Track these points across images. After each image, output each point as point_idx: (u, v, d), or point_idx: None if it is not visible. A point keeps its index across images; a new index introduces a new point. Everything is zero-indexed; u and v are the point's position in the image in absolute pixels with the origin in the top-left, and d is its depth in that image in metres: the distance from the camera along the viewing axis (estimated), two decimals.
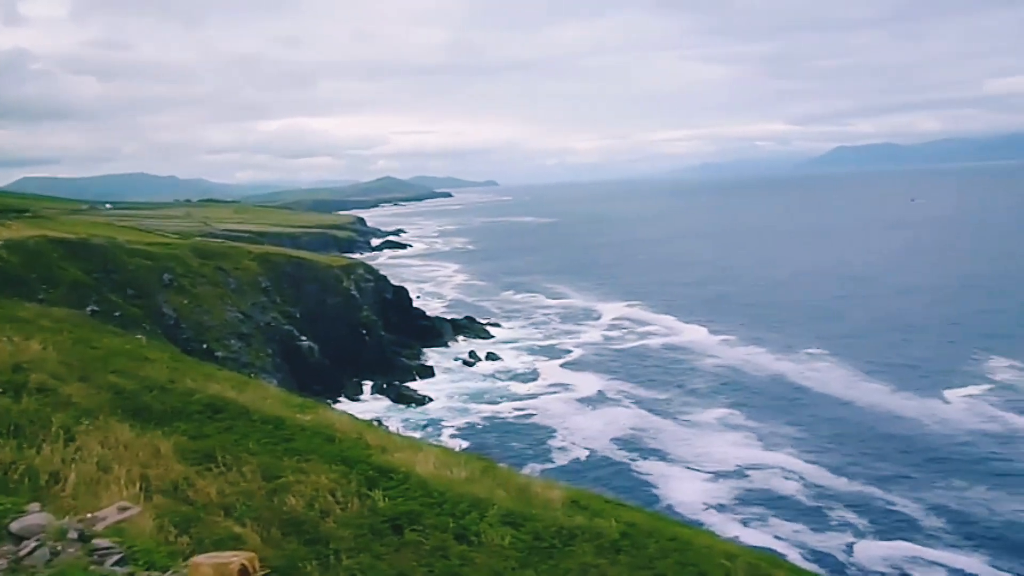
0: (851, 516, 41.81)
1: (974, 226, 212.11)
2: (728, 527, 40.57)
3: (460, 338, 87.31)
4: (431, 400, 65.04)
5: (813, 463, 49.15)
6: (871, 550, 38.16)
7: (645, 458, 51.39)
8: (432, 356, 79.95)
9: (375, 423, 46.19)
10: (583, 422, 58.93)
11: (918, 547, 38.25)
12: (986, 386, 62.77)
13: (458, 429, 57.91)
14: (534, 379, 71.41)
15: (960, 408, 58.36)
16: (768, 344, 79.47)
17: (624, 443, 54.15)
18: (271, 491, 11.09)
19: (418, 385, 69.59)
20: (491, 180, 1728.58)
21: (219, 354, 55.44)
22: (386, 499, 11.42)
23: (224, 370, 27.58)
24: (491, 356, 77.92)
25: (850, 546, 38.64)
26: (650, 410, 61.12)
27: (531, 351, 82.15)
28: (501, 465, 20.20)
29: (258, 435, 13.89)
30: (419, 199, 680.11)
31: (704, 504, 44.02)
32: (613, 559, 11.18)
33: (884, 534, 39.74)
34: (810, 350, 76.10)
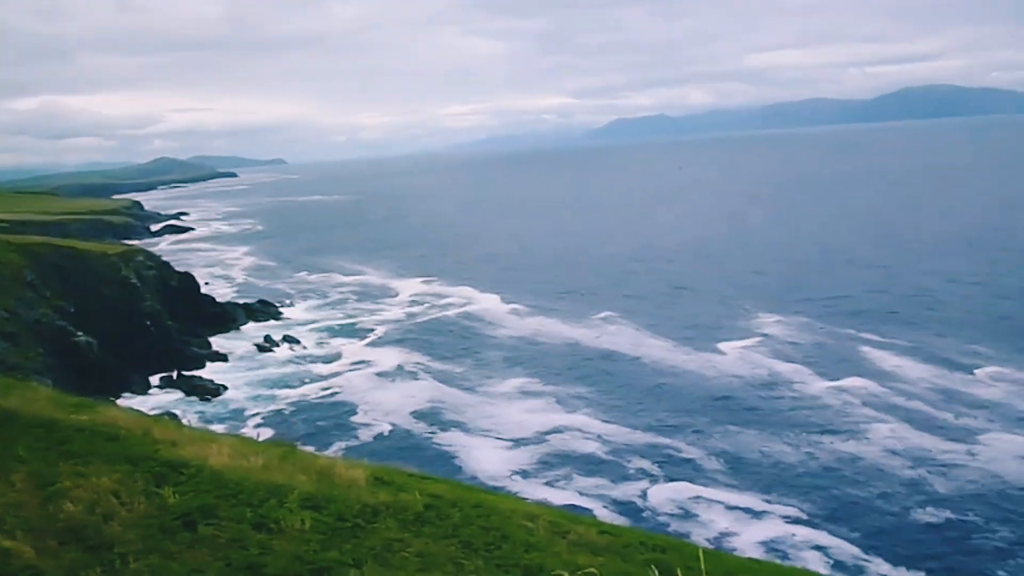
0: (644, 465, 44.43)
1: (737, 192, 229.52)
2: (533, 489, 42.02)
3: (254, 323, 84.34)
4: (226, 389, 62.48)
5: (608, 420, 51.69)
6: (661, 494, 40.79)
7: (448, 430, 52.04)
8: (225, 344, 76.69)
9: (166, 417, 43.80)
10: (386, 398, 58.79)
11: (700, 487, 41.30)
12: (756, 338, 68.32)
13: (261, 417, 56.07)
14: (335, 359, 70.32)
15: (734, 359, 63.25)
16: (560, 311, 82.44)
17: (427, 416, 54.56)
18: (45, 499, 10.29)
19: (212, 375, 66.58)
20: (278, 159, 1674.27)
21: None
22: (176, 495, 10.90)
23: None
24: (288, 339, 75.86)
25: (644, 492, 41.10)
26: (450, 382, 61.87)
27: (330, 331, 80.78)
28: (302, 449, 19.83)
29: (28, 440, 12.82)
30: (201, 180, 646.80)
31: (508, 470, 45.22)
32: (417, 531, 11.28)
33: (671, 479, 42.57)
34: (600, 314, 79.66)
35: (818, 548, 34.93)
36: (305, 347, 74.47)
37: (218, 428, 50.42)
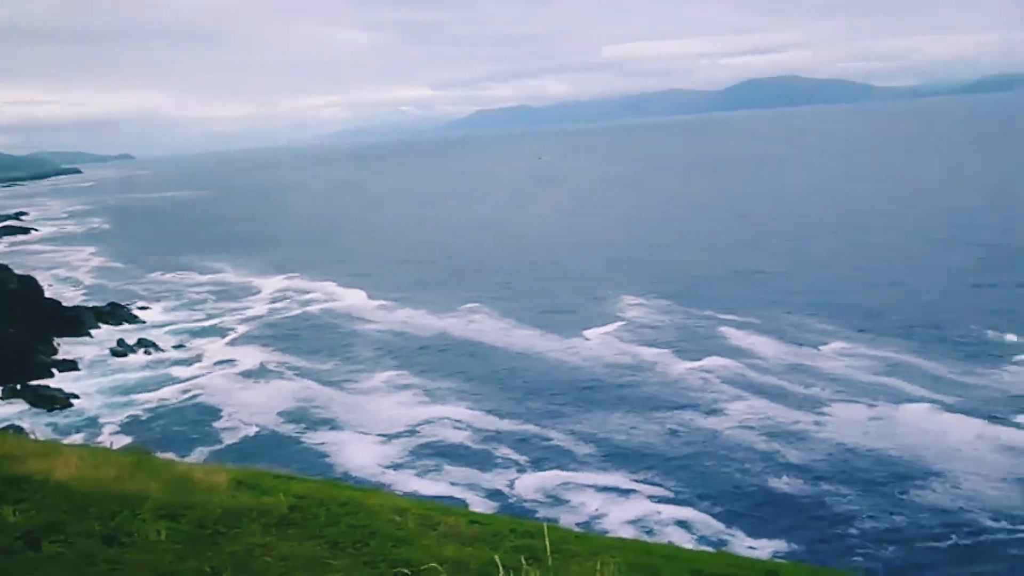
0: (513, 454, 44.91)
1: (596, 180, 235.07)
2: (404, 483, 41.79)
3: (106, 326, 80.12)
4: (78, 398, 59.12)
5: (477, 410, 51.94)
6: (530, 481, 41.34)
7: (316, 428, 51.08)
8: (75, 350, 72.52)
9: (10, 431, 41.08)
10: (250, 399, 57.12)
11: (569, 472, 42.12)
12: (619, 323, 70.15)
13: (116, 425, 53.34)
14: (195, 361, 67.71)
15: (598, 344, 64.74)
16: (427, 303, 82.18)
17: (294, 415, 53.37)
18: None
19: (61, 383, 62.82)
20: (126, 153, 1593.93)
21: None
22: (17, 513, 10.22)
23: None
24: (144, 342, 72.44)
25: (513, 481, 41.54)
26: (318, 379, 60.71)
27: (188, 332, 77.69)
28: (159, 456, 19.03)
29: None
30: (42, 177, 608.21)
31: (379, 465, 44.81)
32: (282, 534, 11.01)
33: (541, 465, 43.22)
34: (467, 305, 79.90)
35: (683, 524, 36.24)
36: (162, 350, 71.37)
37: (70, 439, 47.84)
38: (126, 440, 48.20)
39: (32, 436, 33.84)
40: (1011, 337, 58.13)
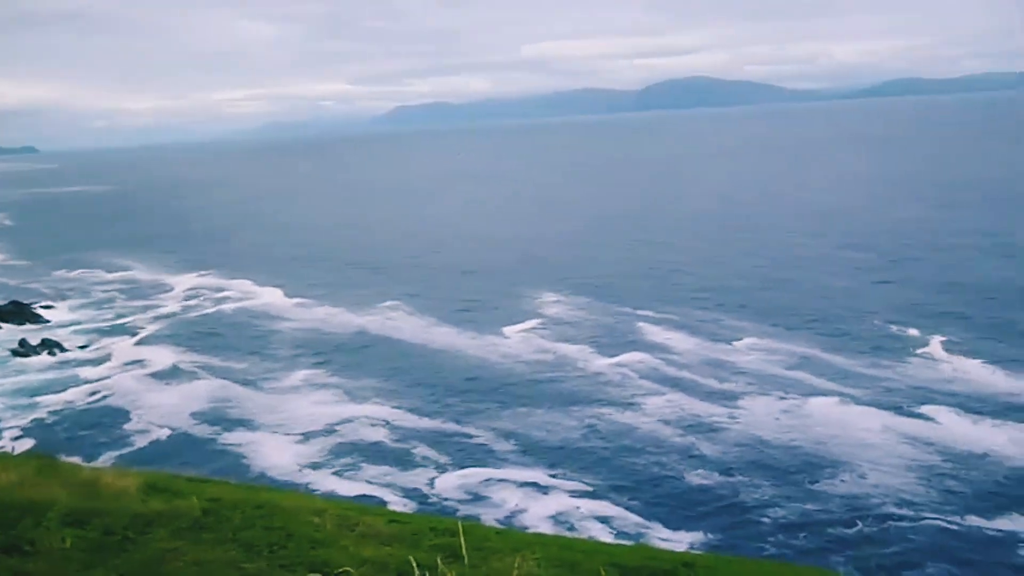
0: (432, 452, 44.74)
1: (515, 177, 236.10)
2: (322, 483, 41.29)
3: (7, 326, 76.82)
4: None
5: (397, 408, 51.60)
6: (451, 479, 41.28)
7: (232, 429, 49.99)
8: None
9: None
10: (162, 400, 55.55)
11: (490, 469, 42.20)
12: (538, 320, 70.59)
13: (19, 429, 51.17)
14: (103, 361, 65.47)
15: (518, 341, 65.02)
16: (346, 301, 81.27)
17: (208, 416, 52.11)
18: None
19: None
20: (29, 147, 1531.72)
21: None
22: None
23: None
24: (48, 343, 69.74)
25: (432, 480, 41.39)
26: (234, 379, 59.40)
27: (96, 331, 75.09)
28: (65, 460, 18.37)
29: None
30: None
31: (297, 465, 44.13)
32: (195, 538, 10.73)
33: (461, 463, 43.19)
34: (386, 302, 79.28)
35: (602, 518, 36.67)
36: (67, 350, 68.83)
37: None
38: (29, 444, 46.41)
39: None
40: (913, 331, 60.56)
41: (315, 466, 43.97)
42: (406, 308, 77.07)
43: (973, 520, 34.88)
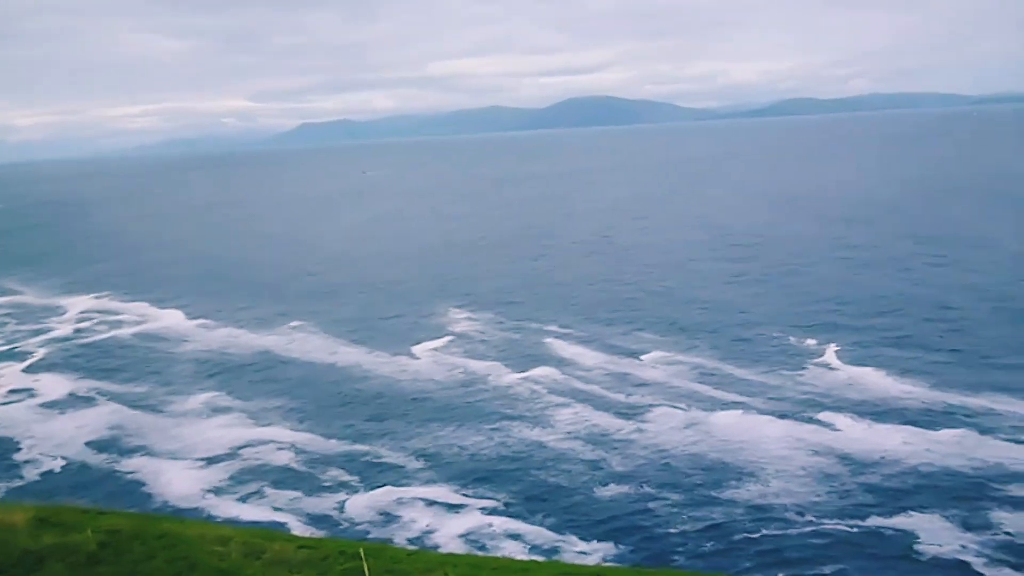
0: (342, 474, 43.97)
1: (422, 193, 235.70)
2: (227, 510, 40.12)
3: None
4: None
5: (304, 431, 50.56)
6: (361, 501, 40.62)
7: (131, 456, 48.12)
8: None
9: None
10: (55, 429, 53.05)
11: (401, 489, 41.73)
12: (447, 337, 70.31)
13: None
14: None
15: (428, 359, 64.60)
16: (250, 321, 79.41)
17: (106, 445, 50.04)
18: None
19: None
20: None
21: None
22: None
23: None
24: None
25: (342, 503, 40.66)
26: (132, 405, 57.24)
27: None
28: None
29: None
30: None
31: (200, 492, 42.75)
32: (91, 573, 10.23)
33: (371, 484, 42.57)
34: (292, 323, 77.76)
35: (515, 535, 36.61)
36: None
37: None
38: None
39: None
40: (811, 342, 62.72)
41: (218, 492, 42.67)
42: (312, 327, 75.74)
43: (872, 519, 36.22)
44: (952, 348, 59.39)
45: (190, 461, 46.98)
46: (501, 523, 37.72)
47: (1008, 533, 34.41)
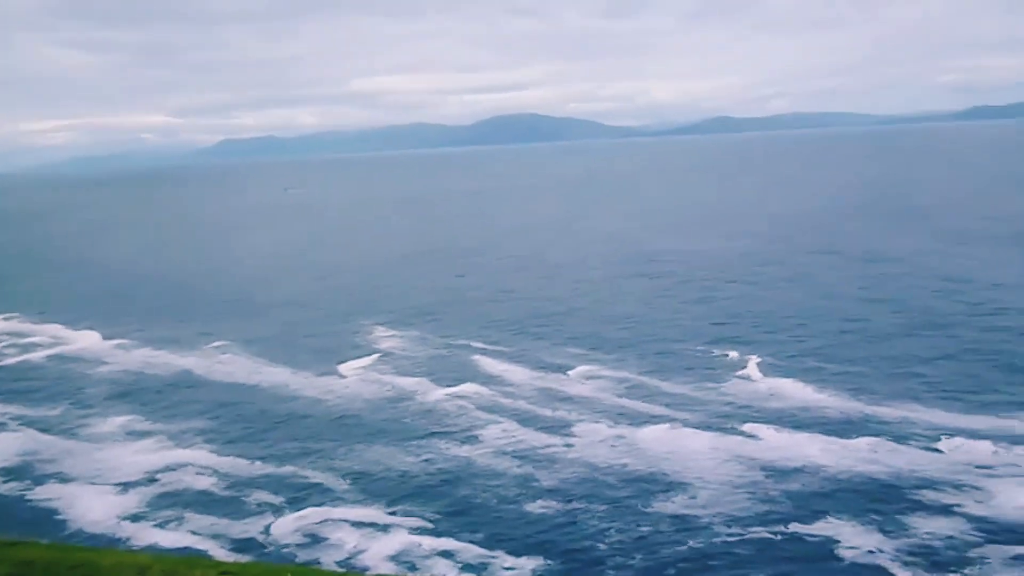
0: (267, 496, 43.06)
1: (346, 210, 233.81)
2: (145, 536, 38.98)
3: None
4: None
5: (226, 454, 49.38)
6: (287, 524, 39.82)
7: (44, 483, 46.30)
8: None
9: None
10: None
11: (328, 509, 41.05)
12: (375, 356, 69.65)
13: None
14: None
15: (355, 378, 63.84)
16: (170, 342, 77.33)
17: (16, 472, 48.07)
18: None
19: None
20: None
21: None
22: None
23: None
24: None
25: (268, 526, 39.79)
26: (45, 430, 55.12)
27: None
28: None
29: None
30: None
31: (117, 519, 41.36)
32: None
33: (297, 505, 41.77)
34: (214, 343, 76.03)
35: (445, 554, 36.36)
36: None
37: None
38: None
39: None
40: (732, 355, 64.02)
41: (136, 519, 41.35)
42: (236, 348, 74.15)
43: (794, 527, 37.06)
44: (865, 358, 61.32)
45: (107, 487, 45.44)
46: (430, 542, 37.42)
47: (922, 536, 35.60)
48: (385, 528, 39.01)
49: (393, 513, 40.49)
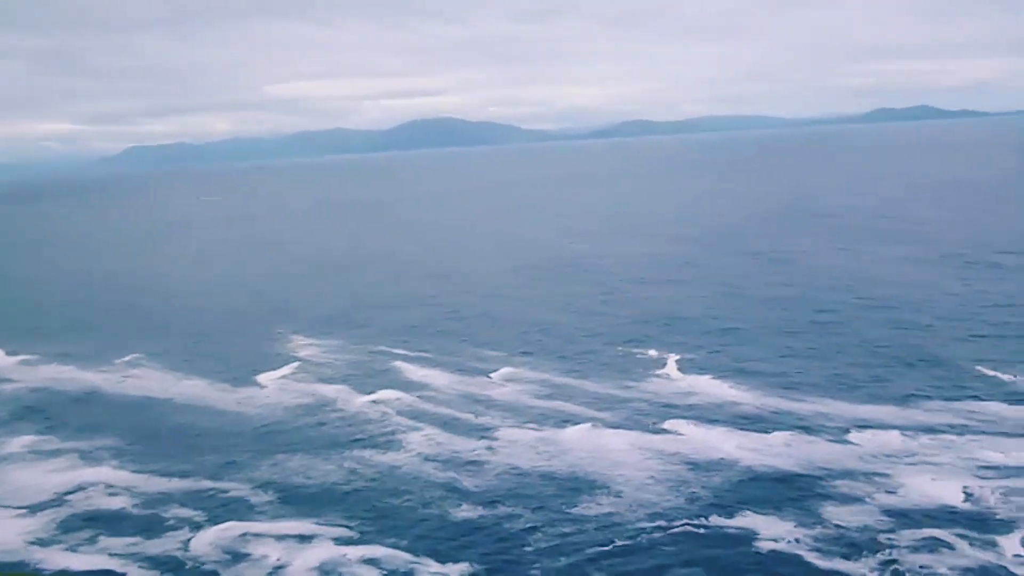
0: (185, 512, 41.89)
1: (262, 218, 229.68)
2: (56, 560, 37.62)
3: None
4: None
5: (141, 471, 47.86)
6: (207, 539, 38.78)
7: None
8: None
9: None
10: None
11: (248, 523, 40.13)
12: (293, 364, 68.47)
13: None
14: None
15: (274, 388, 62.63)
16: (78, 357, 74.60)
17: None
18: None
19: None
20: None
21: None
22: None
23: None
24: None
25: (186, 542, 38.71)
26: None
27: None
28: None
29: None
30: None
31: (24, 542, 39.71)
32: None
33: (217, 520, 40.71)
34: (125, 357, 73.62)
35: (371, 562, 35.95)
36: None
37: None
38: None
39: None
40: (652, 353, 65.03)
41: (44, 543, 39.74)
42: (148, 362, 71.93)
43: (715, 520, 37.81)
44: (778, 355, 62.99)
45: (11, 510, 43.56)
46: (355, 551, 36.95)
47: (837, 526, 36.72)
48: (309, 539, 38.35)
49: (316, 523, 39.83)
